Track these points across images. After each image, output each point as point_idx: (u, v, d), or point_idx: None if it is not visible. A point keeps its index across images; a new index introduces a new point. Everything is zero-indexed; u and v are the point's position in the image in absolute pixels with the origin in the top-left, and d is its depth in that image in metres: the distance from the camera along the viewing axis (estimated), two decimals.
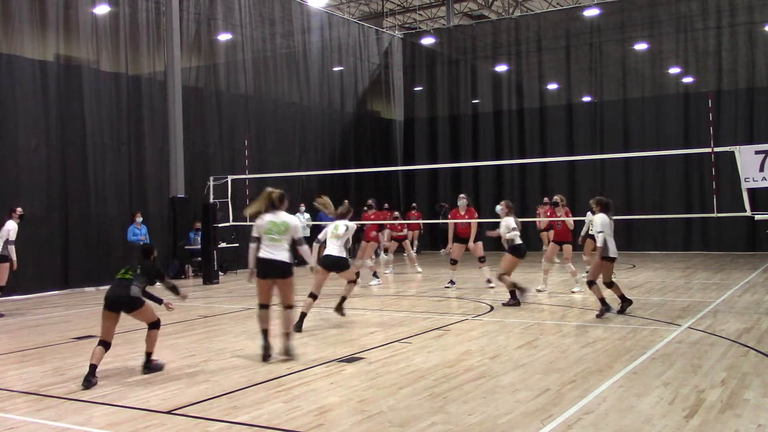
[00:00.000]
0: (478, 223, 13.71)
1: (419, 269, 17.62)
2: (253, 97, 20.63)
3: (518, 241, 11.41)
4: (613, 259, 10.10)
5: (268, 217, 7.67)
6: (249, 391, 6.28)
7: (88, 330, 9.98)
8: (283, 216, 7.72)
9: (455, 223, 13.82)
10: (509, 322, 9.74)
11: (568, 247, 12.91)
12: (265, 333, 7.61)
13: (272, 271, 7.58)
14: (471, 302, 12.00)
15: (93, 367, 6.71)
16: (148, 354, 7.18)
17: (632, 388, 6.09)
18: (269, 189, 7.86)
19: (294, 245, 7.70)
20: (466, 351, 7.83)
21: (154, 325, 7.16)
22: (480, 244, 13.75)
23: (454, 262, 13.98)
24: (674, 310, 10.52)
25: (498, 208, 11.96)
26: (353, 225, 10.23)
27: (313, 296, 9.72)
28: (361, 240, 15.92)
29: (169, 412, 5.67)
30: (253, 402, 5.92)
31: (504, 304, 11.27)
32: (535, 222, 18.78)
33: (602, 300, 9.92)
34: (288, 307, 7.72)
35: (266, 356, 7.52)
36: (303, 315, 9.46)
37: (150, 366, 7.16)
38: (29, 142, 14.95)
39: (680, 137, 22.11)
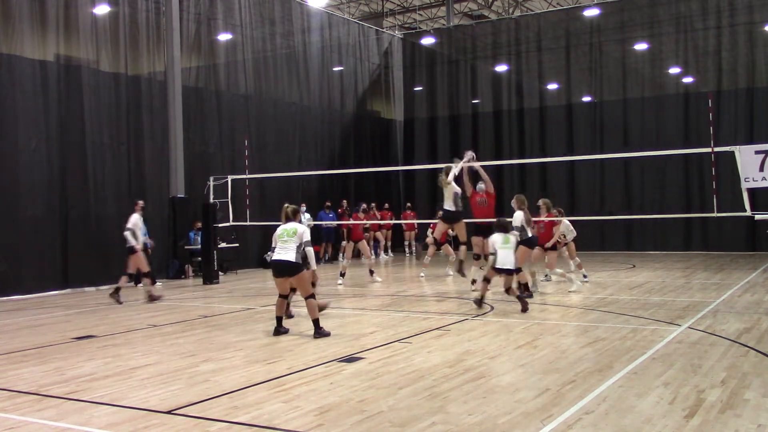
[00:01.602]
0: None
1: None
2: (253, 97, 20.62)
3: (529, 233, 12.07)
4: None
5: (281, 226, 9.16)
6: (249, 391, 6.28)
7: (88, 330, 9.99)
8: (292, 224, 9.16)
9: (474, 213, 13.07)
10: (509, 322, 9.74)
11: (552, 254, 13.03)
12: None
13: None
14: (471, 302, 11.98)
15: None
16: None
17: (632, 388, 6.09)
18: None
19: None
20: (466, 351, 7.82)
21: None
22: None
23: (477, 257, 13.16)
24: (674, 310, 10.52)
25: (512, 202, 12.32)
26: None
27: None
28: (349, 239, 16.00)
29: (169, 412, 5.67)
30: (253, 402, 5.92)
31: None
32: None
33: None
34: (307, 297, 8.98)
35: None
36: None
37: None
38: (29, 142, 14.92)
39: (680, 137, 22.09)
